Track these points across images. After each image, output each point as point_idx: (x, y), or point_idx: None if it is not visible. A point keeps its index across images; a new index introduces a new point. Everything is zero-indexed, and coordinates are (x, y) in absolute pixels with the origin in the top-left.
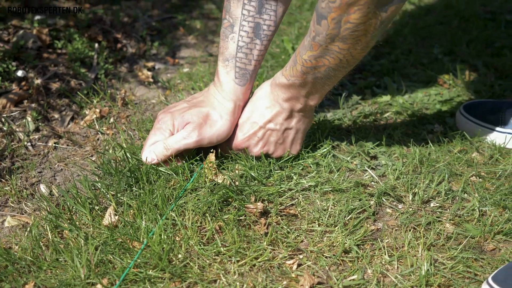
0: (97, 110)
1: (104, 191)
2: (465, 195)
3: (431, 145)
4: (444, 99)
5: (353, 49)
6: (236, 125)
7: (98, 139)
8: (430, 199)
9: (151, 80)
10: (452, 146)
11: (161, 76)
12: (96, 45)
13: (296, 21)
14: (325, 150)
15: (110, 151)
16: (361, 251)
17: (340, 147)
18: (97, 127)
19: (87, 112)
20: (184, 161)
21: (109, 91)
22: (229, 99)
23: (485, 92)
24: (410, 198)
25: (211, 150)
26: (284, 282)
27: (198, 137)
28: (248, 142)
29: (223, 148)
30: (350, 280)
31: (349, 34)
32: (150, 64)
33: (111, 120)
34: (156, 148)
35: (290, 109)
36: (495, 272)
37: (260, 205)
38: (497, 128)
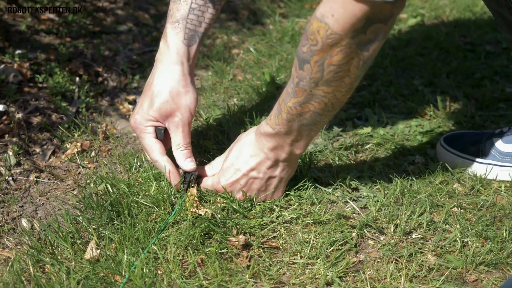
0: (78, 144)
1: (86, 225)
2: (447, 226)
3: (413, 176)
4: (425, 130)
5: (338, 92)
6: (222, 167)
7: (79, 173)
8: (412, 230)
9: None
10: (433, 177)
11: None
12: (77, 79)
13: (276, 53)
14: (306, 182)
15: (92, 184)
16: (344, 283)
17: (321, 179)
18: (78, 161)
19: (68, 146)
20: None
21: (90, 124)
22: (178, 61)
23: (465, 123)
24: (392, 230)
25: (192, 185)
26: None
27: (183, 119)
28: (230, 188)
29: (207, 184)
30: None
31: (332, 76)
32: (131, 97)
33: (93, 153)
34: (177, 156)
35: (275, 159)
36: None
37: (242, 238)
38: (478, 159)
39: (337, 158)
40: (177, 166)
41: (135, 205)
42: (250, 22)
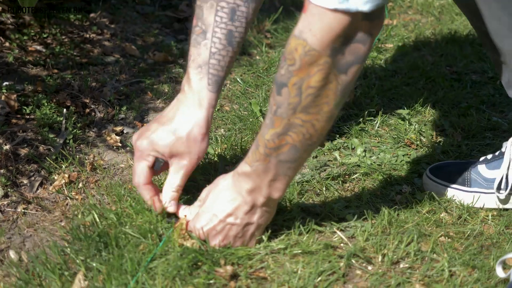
0: (66, 175)
1: (74, 257)
2: (434, 255)
3: (400, 206)
4: (412, 160)
5: (316, 121)
6: (198, 212)
7: (67, 204)
8: (400, 260)
9: (119, 144)
10: (420, 206)
11: (129, 141)
12: (65, 110)
13: (263, 84)
14: (294, 212)
15: (79, 216)
16: None
17: (309, 209)
18: (66, 192)
19: (56, 178)
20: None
21: (77, 156)
22: (202, 107)
23: (452, 152)
24: (380, 259)
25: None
26: None
27: (189, 165)
28: (207, 233)
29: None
30: None
31: (311, 101)
32: (118, 128)
33: (80, 185)
34: (165, 194)
35: (252, 203)
36: None
37: (229, 268)
38: (464, 188)
39: (324, 188)
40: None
41: (123, 236)
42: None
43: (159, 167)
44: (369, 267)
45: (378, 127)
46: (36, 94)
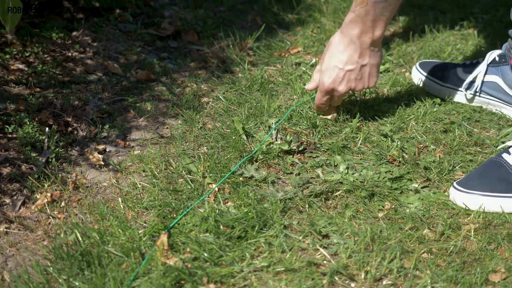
0: (48, 194)
1: (56, 276)
2: (417, 272)
3: (383, 222)
4: (394, 177)
5: None
6: (322, 70)
7: (49, 223)
8: (383, 276)
9: (102, 163)
10: (403, 223)
11: (112, 159)
12: (47, 129)
13: (246, 101)
14: (277, 229)
15: (62, 235)
16: None
17: (292, 227)
18: (48, 211)
19: (38, 197)
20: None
21: (60, 175)
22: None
23: (434, 168)
24: (363, 277)
25: (163, 232)
26: None
27: None
28: (333, 84)
29: (316, 102)
30: None
31: None
32: (101, 147)
33: (63, 204)
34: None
35: (362, 47)
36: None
37: (212, 286)
38: (440, 83)
39: (307, 205)
40: None
41: (106, 255)
42: (220, 71)
43: None
44: (352, 284)
45: (360, 144)
46: (18, 113)
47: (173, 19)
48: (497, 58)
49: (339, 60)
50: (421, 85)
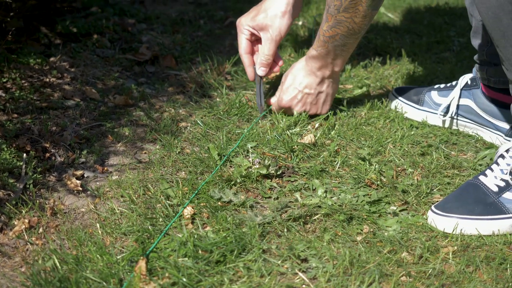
0: (26, 221)
1: None
2: None
3: (361, 246)
4: (372, 200)
5: (355, 18)
6: (283, 89)
7: (27, 250)
8: None
9: (80, 188)
10: (381, 246)
11: (90, 185)
12: (24, 155)
13: (224, 125)
14: (255, 254)
15: (40, 261)
16: None
17: (270, 251)
18: (26, 237)
19: (16, 223)
20: None
21: (38, 201)
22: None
23: (412, 191)
24: None
25: (141, 257)
26: None
27: (273, 37)
28: (291, 102)
29: (275, 106)
30: None
31: (349, 4)
32: (79, 172)
33: (41, 230)
34: (257, 62)
35: (321, 76)
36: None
37: None
38: (417, 106)
39: (285, 229)
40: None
41: (84, 281)
42: (198, 95)
43: None
44: None
45: (338, 167)
46: None
47: (151, 44)
48: (469, 82)
49: (300, 83)
50: (398, 109)
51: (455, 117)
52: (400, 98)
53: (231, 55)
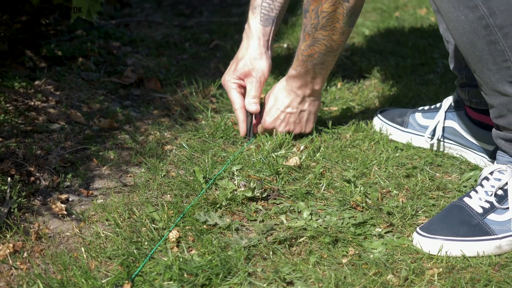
0: (11, 245)
1: None
2: None
3: (347, 268)
4: (358, 222)
5: (333, 35)
6: (266, 110)
7: (11, 275)
8: None
9: (65, 212)
10: (367, 268)
11: (75, 208)
12: (9, 179)
13: (209, 148)
14: (241, 277)
15: (24, 286)
16: None
17: (256, 274)
18: (10, 262)
19: (0, 247)
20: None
21: (22, 225)
22: (255, 37)
23: (397, 213)
24: None
25: (126, 281)
26: None
27: (257, 78)
28: (274, 123)
29: (259, 128)
30: None
31: (326, 21)
32: (63, 196)
33: (25, 254)
34: (246, 103)
35: (302, 95)
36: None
37: None
38: (401, 128)
39: (271, 252)
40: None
41: None
42: (183, 118)
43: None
44: None
45: (324, 190)
46: None
47: (136, 67)
48: (453, 104)
49: (282, 103)
50: (382, 131)
51: (441, 139)
52: (384, 120)
53: (216, 78)
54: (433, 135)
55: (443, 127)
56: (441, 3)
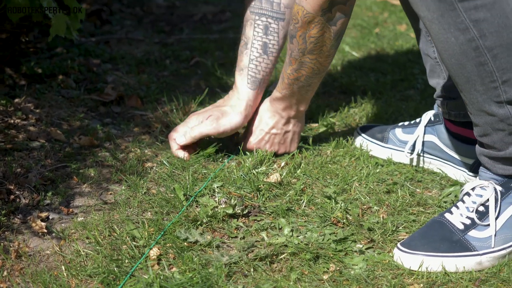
0: None
1: None
2: None
3: (328, 285)
4: (339, 238)
5: (320, 58)
6: (251, 131)
7: None
8: None
9: (45, 230)
10: (348, 285)
11: (55, 226)
12: None
13: (190, 165)
14: None
15: None
16: None
17: None
18: None
19: None
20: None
21: (2, 243)
22: (242, 99)
23: (378, 229)
24: None
25: None
26: None
27: (216, 124)
28: (259, 144)
29: (244, 147)
30: None
31: (313, 46)
32: (44, 214)
33: (5, 273)
34: (185, 133)
35: (287, 117)
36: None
37: None
38: (381, 144)
39: (252, 269)
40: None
41: None
42: (163, 135)
43: None
44: None
45: (304, 206)
46: None
47: (116, 84)
48: (432, 118)
49: (266, 124)
50: (363, 147)
51: (421, 154)
52: (365, 136)
53: (197, 95)
54: (413, 150)
55: (423, 142)
56: (431, 24)
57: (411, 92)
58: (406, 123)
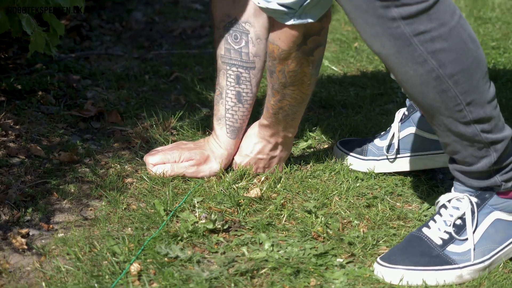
0: None
1: None
2: None
3: None
4: (319, 253)
5: (302, 87)
6: (237, 153)
7: None
8: None
9: (25, 247)
10: None
11: (35, 243)
12: None
13: (170, 180)
14: None
15: None
16: None
17: None
18: None
19: None
20: None
21: None
22: (223, 148)
23: (358, 243)
24: None
25: None
26: None
27: (196, 170)
28: (244, 167)
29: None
30: None
31: (294, 79)
32: (24, 230)
33: None
34: (165, 167)
35: (274, 142)
36: None
37: None
38: (361, 157)
39: (233, 284)
40: None
41: None
42: (143, 151)
43: None
44: None
45: (285, 221)
46: None
47: (96, 100)
48: (406, 112)
49: (253, 149)
50: (343, 161)
51: (399, 155)
52: (344, 150)
53: (177, 110)
54: (392, 149)
55: (400, 140)
56: (387, 60)
57: (391, 106)
58: (383, 132)
